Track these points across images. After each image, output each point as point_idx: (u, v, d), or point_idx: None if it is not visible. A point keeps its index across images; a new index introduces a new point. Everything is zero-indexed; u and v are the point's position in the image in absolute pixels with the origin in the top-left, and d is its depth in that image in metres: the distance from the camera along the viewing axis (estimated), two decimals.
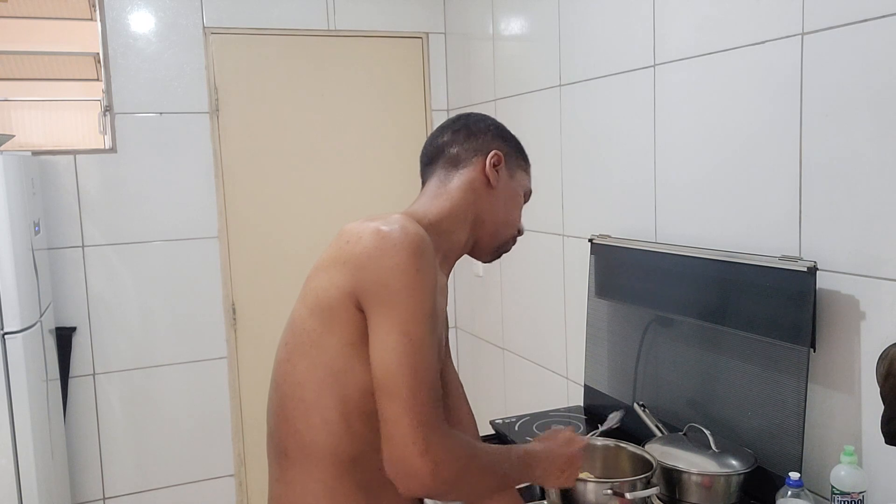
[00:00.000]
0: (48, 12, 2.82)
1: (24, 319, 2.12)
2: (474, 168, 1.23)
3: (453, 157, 1.24)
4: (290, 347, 1.13)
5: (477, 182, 1.23)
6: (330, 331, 1.06)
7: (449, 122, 1.29)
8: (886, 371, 1.21)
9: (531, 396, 2.68)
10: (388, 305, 1.01)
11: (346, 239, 1.07)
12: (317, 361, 1.08)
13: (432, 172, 1.26)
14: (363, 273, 1.03)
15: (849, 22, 1.37)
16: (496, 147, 1.25)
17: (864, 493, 1.31)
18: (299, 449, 1.10)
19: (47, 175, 2.67)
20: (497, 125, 1.29)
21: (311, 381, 1.08)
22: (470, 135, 1.26)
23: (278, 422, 1.14)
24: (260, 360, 3.00)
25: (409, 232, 1.04)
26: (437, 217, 1.20)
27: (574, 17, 2.27)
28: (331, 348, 1.07)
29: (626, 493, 1.28)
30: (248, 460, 3.03)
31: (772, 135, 1.56)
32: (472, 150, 1.24)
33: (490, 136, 1.26)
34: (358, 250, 1.04)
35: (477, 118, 1.29)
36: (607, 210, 2.15)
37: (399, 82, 3.18)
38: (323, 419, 1.08)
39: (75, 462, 2.78)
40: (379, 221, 1.06)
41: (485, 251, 1.30)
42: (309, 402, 1.09)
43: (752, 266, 1.53)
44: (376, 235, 1.03)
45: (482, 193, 1.24)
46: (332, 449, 1.08)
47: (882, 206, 1.34)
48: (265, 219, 3.00)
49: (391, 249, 1.02)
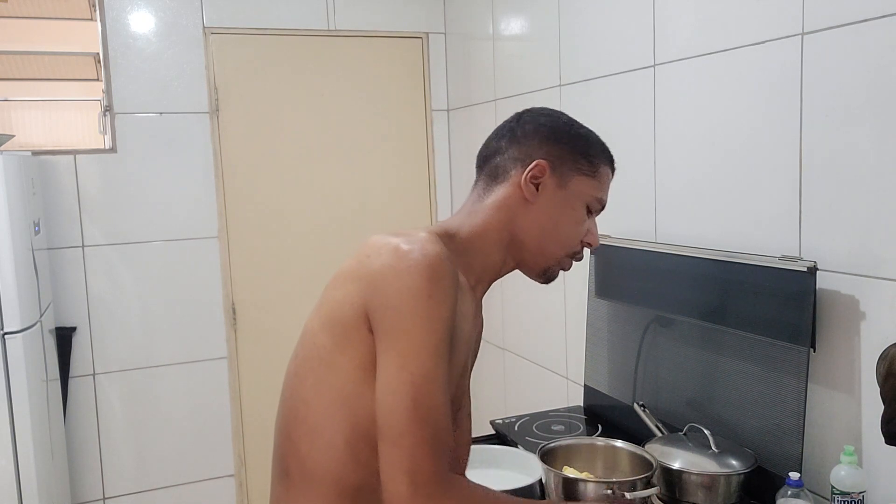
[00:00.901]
0: (48, 12, 2.82)
1: (24, 319, 2.12)
2: (512, 182, 1.11)
3: (494, 168, 1.13)
4: (299, 361, 1.07)
5: (513, 199, 1.11)
6: (341, 350, 1.00)
7: (506, 122, 1.17)
8: (886, 371, 1.21)
9: (531, 396, 2.68)
10: (393, 333, 0.95)
11: (367, 252, 1.01)
12: (324, 381, 1.02)
13: (477, 180, 1.16)
14: (375, 292, 0.97)
15: (849, 22, 1.37)
16: (543, 154, 1.10)
17: (864, 493, 1.31)
18: (301, 471, 1.04)
19: (47, 175, 2.67)
20: (552, 125, 1.13)
21: (318, 402, 1.02)
22: (514, 140, 1.13)
23: (283, 439, 1.08)
24: (260, 360, 3.00)
25: (428, 254, 0.96)
26: (468, 235, 1.11)
27: (574, 17, 2.27)
28: (341, 370, 1.00)
29: (626, 493, 1.28)
30: (248, 460, 3.03)
31: (772, 135, 1.56)
32: (513, 159, 1.11)
33: (538, 142, 1.11)
34: (375, 267, 0.98)
35: (529, 118, 1.15)
36: (607, 210, 2.14)
37: (399, 82, 3.17)
38: (327, 443, 1.02)
39: (75, 462, 2.78)
40: (402, 238, 0.99)
41: (532, 272, 1.17)
42: (314, 423, 1.03)
43: (752, 266, 1.53)
44: (395, 254, 0.97)
45: (518, 211, 1.11)
46: (336, 476, 1.02)
47: (882, 206, 1.34)
48: (265, 219, 3.00)
49: (405, 271, 0.95)
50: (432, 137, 3.23)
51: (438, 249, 0.98)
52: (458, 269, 1.06)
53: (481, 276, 1.14)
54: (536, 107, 1.18)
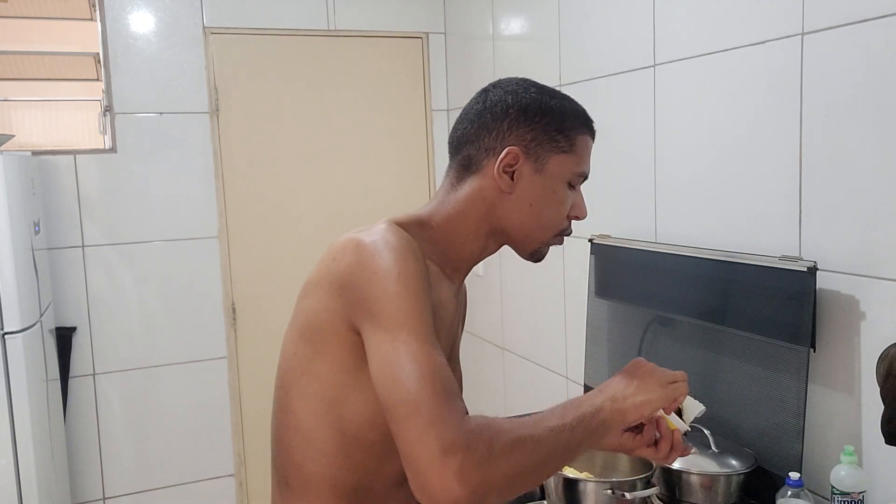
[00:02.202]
0: (48, 12, 2.82)
1: (24, 319, 2.12)
2: (485, 173, 1.07)
3: (466, 158, 1.09)
4: (281, 372, 1.07)
5: (488, 190, 1.07)
6: (321, 357, 0.99)
7: (472, 102, 1.12)
8: (886, 371, 1.21)
9: (531, 396, 2.68)
10: (375, 317, 0.92)
11: (332, 256, 1.00)
12: (308, 391, 1.02)
13: (450, 167, 1.13)
14: (349, 291, 0.96)
15: (849, 22, 1.37)
16: (514, 139, 1.05)
17: (864, 493, 1.31)
18: (299, 480, 1.06)
19: (47, 175, 2.67)
20: (521, 103, 1.06)
21: (305, 412, 1.02)
22: (483, 126, 1.07)
23: (279, 450, 1.09)
24: (260, 359, 3.00)
25: (388, 240, 0.96)
26: (442, 225, 1.09)
27: (574, 17, 2.27)
28: (323, 376, 1.00)
29: (626, 493, 1.29)
30: (248, 460, 3.03)
31: (772, 135, 1.56)
32: (484, 149, 1.07)
33: (507, 125, 1.06)
34: (342, 268, 0.97)
35: (496, 98, 1.08)
36: (607, 210, 2.15)
37: (399, 82, 3.17)
38: (320, 451, 1.02)
39: (75, 462, 2.77)
40: (362, 233, 0.99)
41: (523, 253, 1.14)
42: (304, 432, 1.03)
43: (752, 266, 1.53)
44: (357, 249, 0.97)
45: (496, 202, 1.08)
46: (332, 481, 1.03)
47: (882, 206, 1.33)
48: (265, 219, 3.00)
49: (369, 260, 0.95)
50: (432, 137, 3.22)
51: (399, 235, 0.98)
52: (430, 257, 1.05)
53: (458, 265, 1.13)
54: (503, 79, 1.12)
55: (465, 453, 0.82)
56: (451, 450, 0.82)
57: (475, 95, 1.12)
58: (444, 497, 0.81)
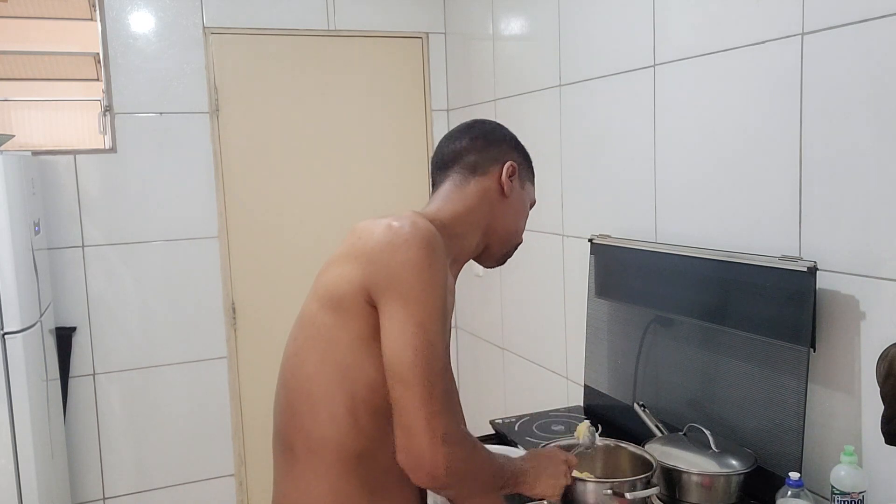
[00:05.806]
0: (48, 12, 2.82)
1: (24, 319, 2.12)
2: (491, 177, 1.25)
3: (471, 164, 1.25)
4: (299, 342, 1.14)
5: (492, 191, 1.25)
6: (342, 325, 1.08)
7: (464, 128, 1.30)
8: (886, 371, 1.21)
9: (531, 396, 2.68)
10: (402, 299, 1.02)
11: (357, 235, 1.10)
12: (327, 356, 1.09)
13: (447, 176, 1.27)
14: (375, 267, 1.04)
15: (849, 22, 1.37)
16: (512, 158, 1.27)
17: (864, 493, 1.31)
18: (306, 445, 1.11)
19: (47, 175, 2.67)
20: (511, 135, 1.31)
21: (321, 376, 1.10)
22: (488, 143, 1.27)
23: (286, 418, 1.15)
24: (260, 360, 3.00)
25: (419, 227, 1.05)
26: (449, 219, 1.21)
27: (574, 17, 2.27)
28: (341, 343, 1.08)
29: (626, 493, 1.29)
30: (248, 460, 3.03)
31: (772, 134, 1.56)
32: (489, 158, 1.26)
33: (506, 147, 1.28)
34: (370, 245, 1.06)
35: (493, 126, 1.31)
36: (607, 210, 2.15)
37: (399, 82, 3.17)
38: (330, 414, 1.09)
39: (75, 462, 2.78)
40: (390, 217, 1.08)
41: (493, 257, 1.32)
42: (317, 396, 1.10)
43: (752, 266, 1.53)
44: (388, 231, 1.05)
45: (496, 202, 1.26)
46: (338, 445, 1.09)
47: (882, 206, 1.34)
48: (265, 219, 3.00)
49: (403, 245, 1.03)
50: (432, 137, 3.23)
51: (428, 224, 1.08)
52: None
53: (458, 257, 1.26)
54: (480, 118, 1.34)
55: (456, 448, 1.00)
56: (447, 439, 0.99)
57: (463, 126, 1.30)
58: (430, 465, 0.99)
